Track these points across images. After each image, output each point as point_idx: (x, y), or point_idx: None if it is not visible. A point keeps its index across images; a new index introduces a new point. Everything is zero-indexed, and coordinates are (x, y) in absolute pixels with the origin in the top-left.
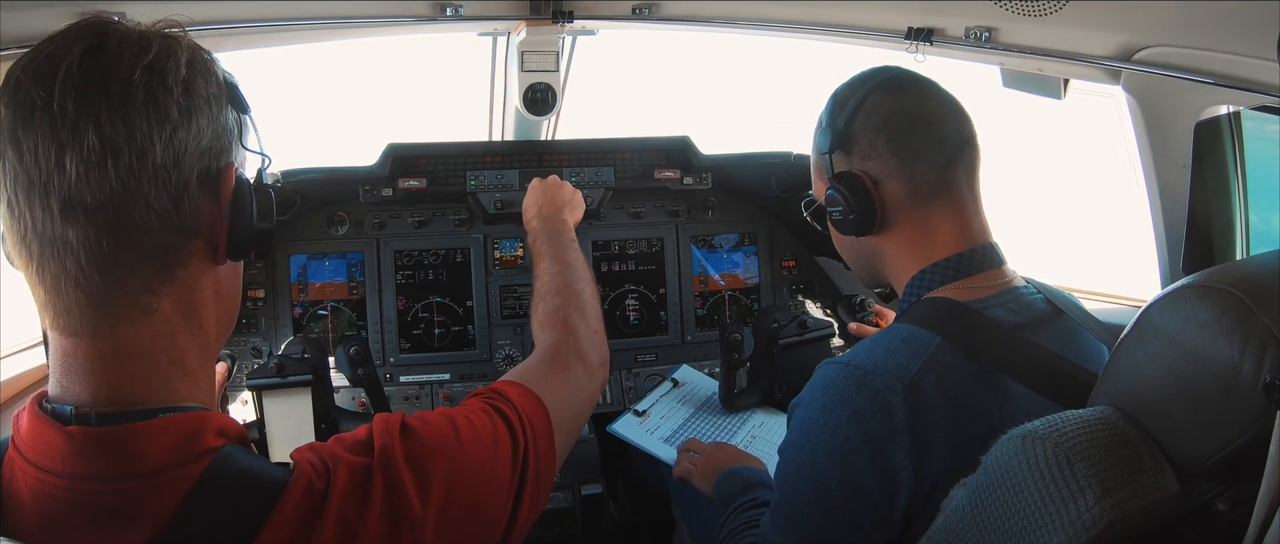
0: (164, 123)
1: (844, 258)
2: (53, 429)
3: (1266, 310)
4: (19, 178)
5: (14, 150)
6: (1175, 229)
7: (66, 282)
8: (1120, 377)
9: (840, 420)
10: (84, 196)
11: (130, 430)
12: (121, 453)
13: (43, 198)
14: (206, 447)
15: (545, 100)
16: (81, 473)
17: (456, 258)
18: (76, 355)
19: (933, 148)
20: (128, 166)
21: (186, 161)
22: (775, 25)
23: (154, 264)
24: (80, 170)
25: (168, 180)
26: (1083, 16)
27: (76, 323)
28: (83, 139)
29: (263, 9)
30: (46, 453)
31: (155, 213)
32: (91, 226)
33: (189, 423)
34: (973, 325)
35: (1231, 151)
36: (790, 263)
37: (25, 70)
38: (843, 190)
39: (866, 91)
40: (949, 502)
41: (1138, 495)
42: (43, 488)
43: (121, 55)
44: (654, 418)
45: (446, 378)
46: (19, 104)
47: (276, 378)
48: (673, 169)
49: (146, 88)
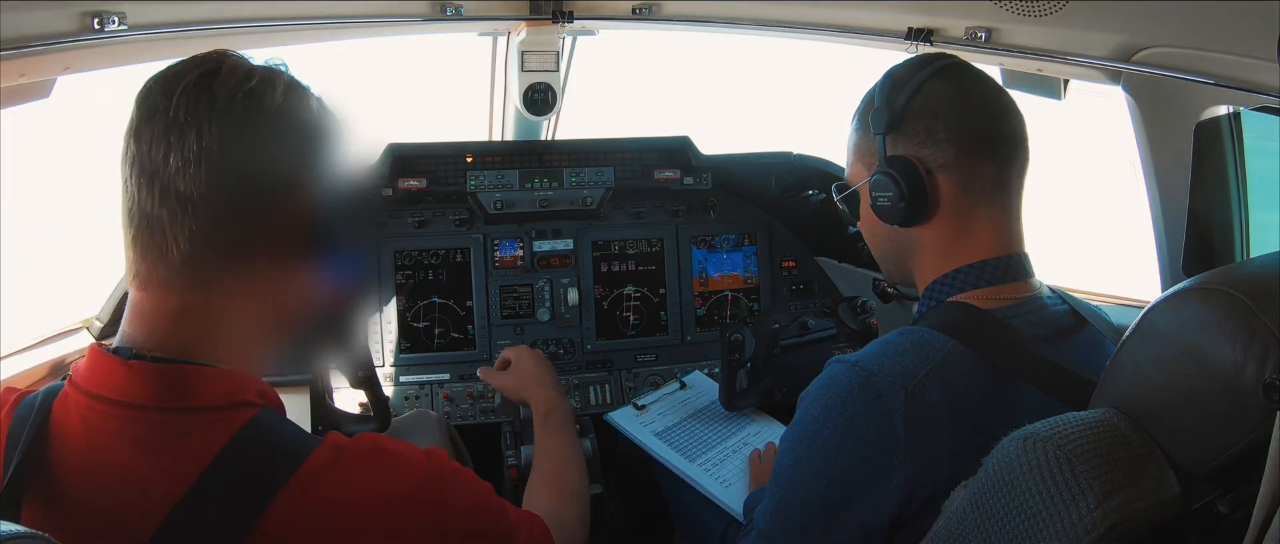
0: (255, 134)
1: (873, 247)
2: (114, 362)
3: (1268, 312)
4: (134, 161)
5: (136, 143)
6: (1175, 229)
7: (153, 251)
8: (1122, 378)
9: (840, 420)
10: (178, 186)
11: (186, 370)
12: (177, 387)
13: (149, 183)
14: (250, 400)
15: (545, 100)
16: (137, 401)
17: (456, 258)
18: (146, 307)
19: (992, 144)
20: (219, 168)
21: (271, 170)
22: (775, 25)
23: (228, 252)
24: (179, 165)
25: (249, 185)
26: (1083, 17)
27: (156, 282)
28: (185, 142)
29: (263, 9)
30: (105, 383)
31: (234, 209)
32: (180, 209)
33: (236, 377)
34: (991, 333)
35: (1231, 152)
36: (790, 263)
37: (155, 80)
38: (896, 175)
39: (927, 75)
40: (950, 502)
41: (1139, 498)
42: (93, 416)
43: (229, 80)
44: (652, 413)
45: (446, 378)
46: (145, 107)
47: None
48: (673, 169)
49: (243, 109)
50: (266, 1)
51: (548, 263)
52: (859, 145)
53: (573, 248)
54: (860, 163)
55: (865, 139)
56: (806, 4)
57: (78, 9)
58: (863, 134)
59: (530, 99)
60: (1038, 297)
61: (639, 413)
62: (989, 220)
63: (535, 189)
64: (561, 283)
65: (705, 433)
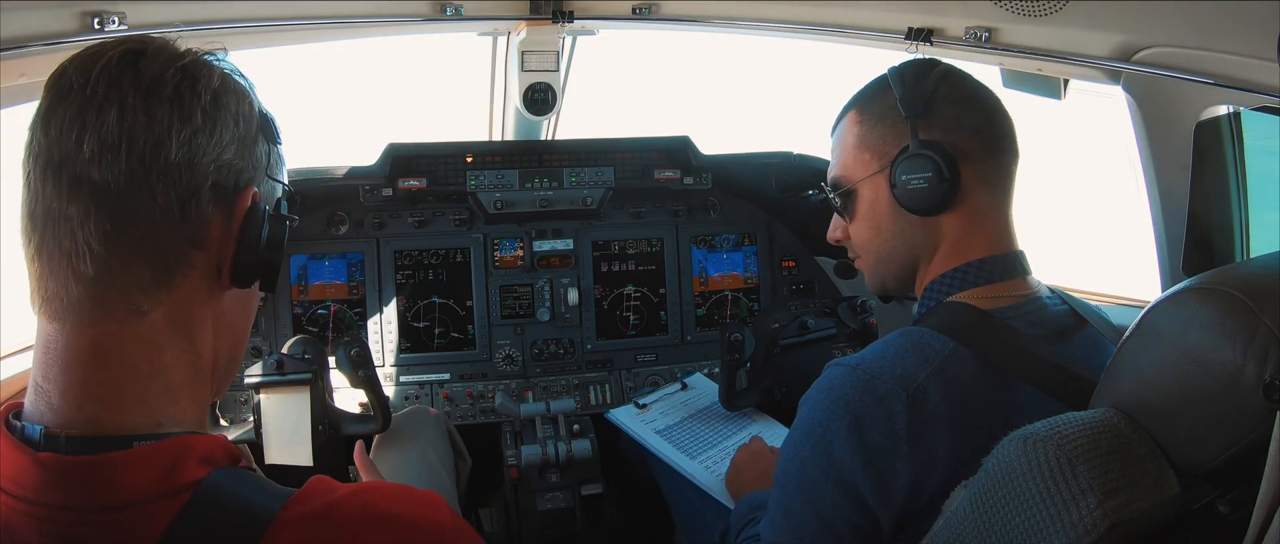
0: (185, 122)
1: (874, 248)
2: (24, 455)
3: (1268, 312)
4: (40, 154)
5: (43, 130)
6: (1175, 229)
7: (62, 260)
8: (1122, 379)
9: (841, 424)
10: (92, 174)
11: (107, 461)
12: (98, 484)
13: (56, 173)
14: (189, 479)
15: (545, 100)
16: (55, 503)
17: (456, 258)
18: (56, 347)
19: (1005, 139)
20: (139, 155)
21: (201, 168)
22: (775, 25)
23: (152, 266)
24: (95, 149)
25: (178, 180)
26: (1083, 16)
27: (65, 308)
28: (104, 120)
29: (263, 9)
30: (18, 479)
31: (159, 209)
32: (93, 205)
33: (170, 451)
34: (992, 334)
35: (1231, 152)
36: (790, 263)
37: (71, 61)
38: (935, 157)
39: (942, 71)
40: (950, 502)
41: (1140, 498)
42: (14, 516)
43: (158, 57)
44: (653, 412)
45: (446, 378)
46: (59, 89)
47: (276, 376)
48: (673, 169)
49: (175, 88)
50: (266, 1)
51: (548, 263)
52: (865, 137)
53: (573, 248)
54: (867, 154)
55: (875, 130)
56: (806, 4)
57: (78, 9)
58: (873, 124)
59: (530, 99)
60: (1037, 296)
61: (640, 411)
62: (996, 214)
63: (535, 189)
64: (561, 283)
65: (705, 432)
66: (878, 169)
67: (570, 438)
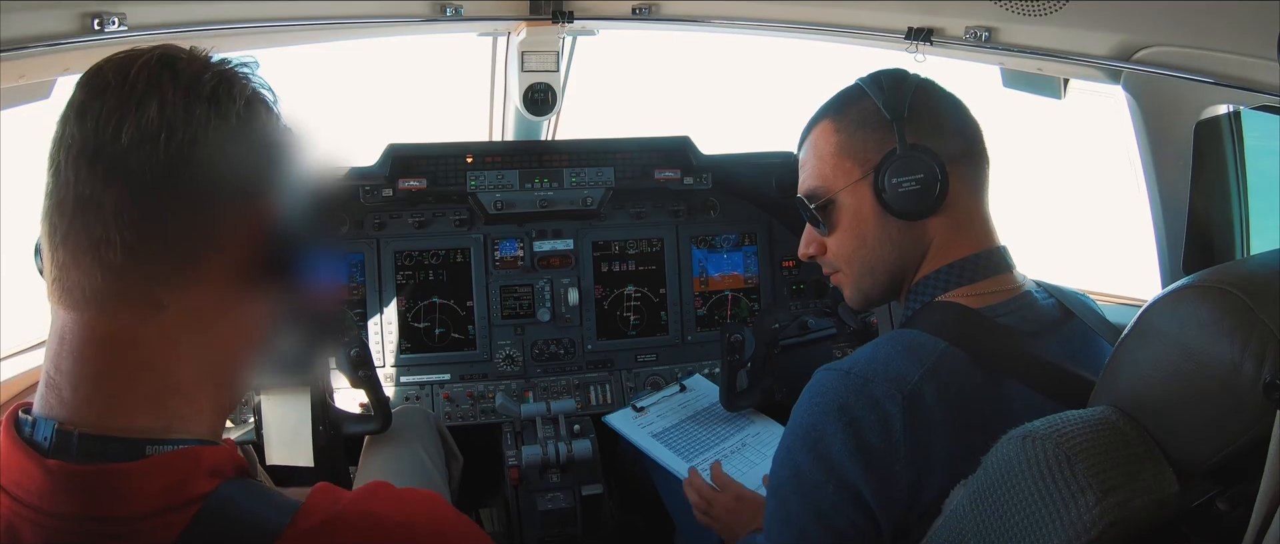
0: (222, 122)
1: (860, 257)
2: (30, 461)
3: (1267, 310)
4: (73, 143)
5: (77, 121)
6: (1175, 229)
7: (90, 249)
8: (1120, 377)
9: (837, 428)
10: (129, 163)
11: (116, 471)
12: (105, 495)
13: (90, 162)
14: (197, 492)
15: (545, 100)
16: (60, 512)
17: (456, 258)
18: (72, 337)
19: (981, 143)
20: (177, 148)
21: (231, 168)
22: (775, 25)
23: (174, 260)
24: (134, 138)
25: (208, 178)
26: (1083, 16)
27: (86, 297)
28: (145, 112)
29: (263, 9)
30: (24, 485)
31: (188, 204)
32: (128, 193)
33: (180, 463)
34: (983, 333)
35: (1231, 151)
36: (790, 263)
37: (106, 61)
38: (926, 158)
39: (917, 81)
40: (949, 501)
41: (1138, 495)
42: (18, 522)
43: (195, 61)
44: (650, 415)
45: (447, 378)
46: (95, 85)
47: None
48: (673, 169)
49: (213, 89)
50: (267, 2)
51: (548, 263)
52: (845, 145)
53: (573, 248)
54: (849, 161)
55: (855, 136)
56: (806, 4)
57: (78, 9)
58: (852, 131)
59: (530, 99)
60: (1025, 291)
61: (637, 415)
62: (980, 215)
63: (535, 189)
64: (562, 283)
65: (703, 434)
66: (861, 176)
67: (571, 438)
